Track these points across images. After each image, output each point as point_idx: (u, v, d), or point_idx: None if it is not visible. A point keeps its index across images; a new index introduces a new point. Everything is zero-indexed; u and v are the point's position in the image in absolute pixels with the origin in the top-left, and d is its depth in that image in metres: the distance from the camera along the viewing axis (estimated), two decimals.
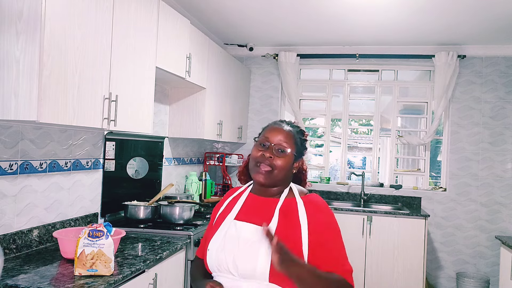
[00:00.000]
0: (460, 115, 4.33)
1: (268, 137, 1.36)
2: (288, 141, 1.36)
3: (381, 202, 4.43)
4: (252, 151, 1.39)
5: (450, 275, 4.28)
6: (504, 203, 4.20)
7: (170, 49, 2.73)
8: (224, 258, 1.27)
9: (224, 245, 1.29)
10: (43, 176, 2.13)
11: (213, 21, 3.89)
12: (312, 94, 5.41)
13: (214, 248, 1.31)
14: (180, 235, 2.46)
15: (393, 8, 3.33)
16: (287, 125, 1.41)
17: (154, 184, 3.27)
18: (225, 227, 1.34)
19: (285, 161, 1.34)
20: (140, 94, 2.39)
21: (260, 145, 1.37)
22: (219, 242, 1.31)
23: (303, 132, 1.45)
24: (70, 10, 1.79)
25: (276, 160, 1.33)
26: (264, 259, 1.20)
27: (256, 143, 1.39)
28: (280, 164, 1.33)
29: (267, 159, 1.32)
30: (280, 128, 1.39)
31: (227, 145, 4.79)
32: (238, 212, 1.37)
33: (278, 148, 1.34)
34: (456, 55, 4.18)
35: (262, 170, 1.33)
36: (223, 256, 1.27)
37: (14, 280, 1.59)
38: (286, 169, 1.35)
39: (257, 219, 1.30)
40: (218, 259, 1.28)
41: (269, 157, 1.33)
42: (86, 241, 1.67)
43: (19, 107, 1.64)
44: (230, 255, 1.26)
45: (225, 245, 1.29)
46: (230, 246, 1.28)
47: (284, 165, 1.34)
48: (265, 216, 1.30)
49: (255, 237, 1.24)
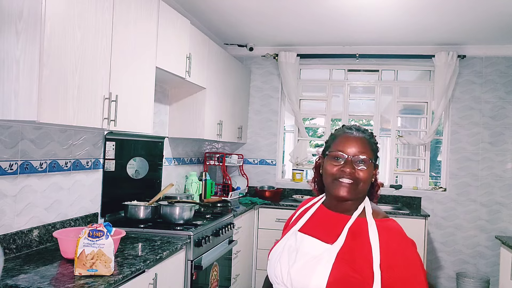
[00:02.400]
0: (460, 115, 4.33)
1: (344, 150, 1.22)
2: (365, 149, 1.22)
3: (381, 202, 4.42)
4: (326, 167, 1.24)
5: (450, 275, 4.28)
6: (504, 203, 4.20)
7: (170, 49, 2.73)
8: (279, 270, 1.20)
9: (281, 257, 1.22)
10: (43, 176, 2.13)
11: (213, 21, 3.89)
12: (312, 94, 5.41)
13: (273, 258, 1.25)
14: (180, 235, 2.46)
15: (393, 8, 3.33)
16: (357, 131, 1.27)
17: (154, 184, 3.27)
18: (287, 238, 1.27)
19: (367, 172, 1.21)
20: (140, 94, 2.39)
21: (334, 159, 1.23)
22: (278, 253, 1.25)
23: (373, 135, 1.31)
24: (70, 10, 1.79)
25: (358, 173, 1.20)
26: (321, 276, 1.10)
27: (328, 157, 1.25)
28: (363, 176, 1.20)
29: (348, 174, 1.19)
30: (353, 136, 1.24)
31: (227, 145, 4.79)
32: (304, 224, 1.28)
33: (357, 160, 1.21)
34: (456, 55, 4.18)
35: (345, 184, 1.20)
36: (279, 268, 1.21)
37: (14, 280, 1.58)
38: (369, 180, 1.23)
39: (321, 234, 1.21)
40: (275, 270, 1.22)
41: (350, 172, 1.19)
42: (86, 241, 1.67)
43: (19, 107, 1.64)
44: (285, 267, 1.19)
45: (282, 256, 1.22)
46: (287, 258, 1.21)
47: (367, 176, 1.21)
48: (331, 232, 1.19)
49: (315, 251, 1.17)
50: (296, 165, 4.72)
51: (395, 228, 1.17)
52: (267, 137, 4.74)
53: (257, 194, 4.47)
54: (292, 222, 1.35)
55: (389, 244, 1.13)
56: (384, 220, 1.19)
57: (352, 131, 1.26)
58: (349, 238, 1.16)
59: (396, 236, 1.15)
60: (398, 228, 1.17)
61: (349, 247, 1.14)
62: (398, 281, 1.09)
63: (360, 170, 1.20)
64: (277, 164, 4.73)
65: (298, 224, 1.29)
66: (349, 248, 1.14)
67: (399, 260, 1.11)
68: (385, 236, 1.14)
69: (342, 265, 1.11)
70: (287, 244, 1.24)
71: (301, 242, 1.22)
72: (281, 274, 1.19)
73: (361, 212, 1.22)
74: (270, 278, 1.26)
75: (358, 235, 1.16)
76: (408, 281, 1.10)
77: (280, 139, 4.78)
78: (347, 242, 1.15)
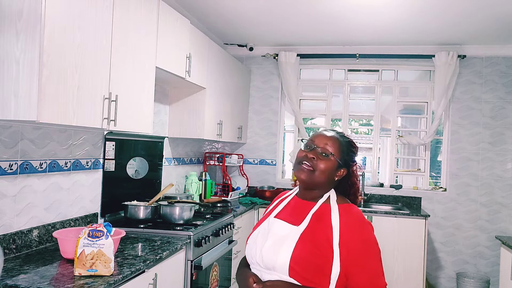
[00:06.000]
0: (460, 115, 4.33)
1: (314, 140, 1.40)
2: (333, 146, 1.38)
3: (381, 202, 4.43)
4: (297, 153, 1.43)
5: (450, 275, 4.28)
6: (504, 203, 4.20)
7: (170, 49, 2.73)
8: (254, 251, 1.35)
9: (257, 239, 1.38)
10: (43, 176, 2.13)
11: (213, 21, 3.89)
12: (312, 94, 5.41)
13: (250, 242, 1.41)
14: (180, 235, 2.45)
15: (393, 8, 3.33)
16: (336, 133, 1.43)
17: (154, 184, 3.27)
18: (263, 224, 1.43)
19: (327, 165, 1.35)
20: (140, 94, 2.39)
21: (306, 147, 1.41)
22: (254, 236, 1.40)
23: (352, 143, 1.44)
24: (70, 10, 1.79)
25: (318, 162, 1.35)
26: (285, 254, 1.25)
27: (303, 146, 1.43)
28: (322, 167, 1.35)
29: (309, 159, 1.36)
30: (327, 134, 1.41)
31: (227, 145, 4.79)
32: (279, 211, 1.43)
33: (322, 151, 1.37)
34: (456, 55, 4.18)
35: (303, 167, 1.36)
36: (254, 248, 1.36)
37: (14, 280, 1.58)
38: (327, 172, 1.36)
39: (291, 218, 1.36)
40: (251, 251, 1.37)
41: (311, 157, 1.36)
42: (86, 241, 1.67)
43: (19, 107, 1.64)
44: (259, 247, 1.34)
45: (258, 239, 1.37)
46: (261, 239, 1.36)
47: (325, 168, 1.35)
48: (299, 216, 1.35)
49: (282, 232, 1.32)
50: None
51: (354, 211, 1.33)
52: (267, 137, 4.74)
53: (257, 194, 4.46)
54: (269, 211, 1.51)
55: (348, 224, 1.28)
56: (346, 206, 1.35)
57: (331, 131, 1.44)
58: (313, 220, 1.32)
59: (355, 218, 1.31)
60: (357, 211, 1.34)
61: (312, 228, 1.30)
62: (354, 255, 1.24)
63: (320, 160, 1.35)
64: (277, 164, 4.73)
65: (274, 211, 1.45)
66: (313, 229, 1.29)
67: (356, 237, 1.26)
68: (344, 217, 1.30)
69: (304, 243, 1.26)
70: (262, 228, 1.41)
71: (272, 225, 1.38)
72: (255, 254, 1.34)
73: (325, 200, 1.37)
74: (248, 259, 1.41)
75: (321, 219, 1.32)
76: (363, 256, 1.25)
77: (280, 139, 4.78)
78: (311, 224, 1.31)
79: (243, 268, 1.43)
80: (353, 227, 1.28)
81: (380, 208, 4.21)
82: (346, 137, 1.44)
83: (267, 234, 1.35)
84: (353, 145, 1.44)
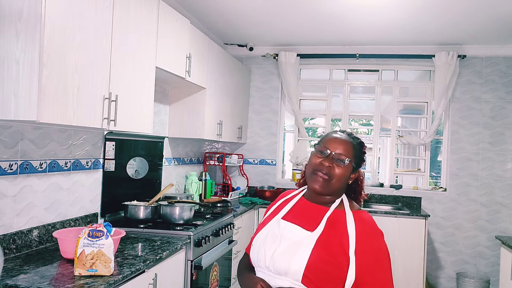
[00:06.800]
0: (460, 115, 4.33)
1: (328, 146, 1.35)
2: (348, 151, 1.35)
3: (381, 202, 4.43)
4: (310, 159, 1.39)
5: (450, 275, 4.28)
6: (504, 203, 4.20)
7: (170, 49, 2.73)
8: (263, 254, 1.31)
9: (265, 242, 1.33)
10: (43, 176, 2.13)
11: (213, 21, 3.89)
12: (312, 94, 5.41)
13: (257, 244, 1.36)
14: (180, 235, 2.45)
15: (393, 8, 3.33)
16: (348, 136, 1.41)
17: (154, 184, 3.27)
18: (270, 225, 1.39)
19: (344, 171, 1.33)
20: (140, 94, 2.39)
21: (319, 153, 1.36)
22: (262, 238, 1.36)
23: (363, 144, 1.43)
24: (70, 10, 1.79)
25: (334, 169, 1.32)
26: (301, 260, 1.22)
27: (315, 151, 1.39)
28: (338, 174, 1.32)
29: (325, 167, 1.32)
30: (340, 138, 1.38)
31: (227, 145, 4.79)
32: (287, 213, 1.40)
33: (338, 157, 1.33)
34: (456, 55, 4.18)
35: (319, 178, 1.32)
36: (263, 252, 1.31)
37: (14, 280, 1.58)
38: (344, 179, 1.34)
39: (302, 222, 1.33)
40: (259, 254, 1.32)
41: (328, 166, 1.32)
42: (86, 241, 1.67)
43: (19, 107, 1.64)
44: (269, 251, 1.29)
45: (266, 242, 1.33)
46: (271, 243, 1.31)
47: (342, 175, 1.33)
48: (312, 221, 1.32)
49: (296, 237, 1.28)
50: (296, 165, 4.72)
51: (368, 219, 1.32)
52: (267, 137, 4.74)
53: (257, 194, 4.46)
54: (273, 211, 1.47)
55: (364, 232, 1.26)
56: (359, 212, 1.33)
57: (343, 134, 1.40)
58: (327, 226, 1.29)
59: (370, 226, 1.30)
60: (370, 218, 1.33)
61: (327, 234, 1.27)
62: (368, 264, 1.23)
63: (337, 167, 1.33)
64: (277, 164, 4.73)
65: (281, 212, 1.40)
66: (327, 236, 1.27)
67: (371, 246, 1.25)
68: (360, 225, 1.28)
69: (320, 250, 1.23)
70: (271, 230, 1.36)
71: (284, 229, 1.33)
72: (265, 258, 1.29)
73: (338, 205, 1.35)
74: (253, 262, 1.36)
75: (335, 225, 1.29)
76: (377, 265, 1.25)
77: (280, 139, 4.78)
78: (325, 230, 1.28)
79: (247, 271, 1.39)
80: (369, 235, 1.27)
81: (380, 208, 4.21)
82: (357, 138, 1.43)
83: (279, 238, 1.31)
84: (364, 145, 1.43)
